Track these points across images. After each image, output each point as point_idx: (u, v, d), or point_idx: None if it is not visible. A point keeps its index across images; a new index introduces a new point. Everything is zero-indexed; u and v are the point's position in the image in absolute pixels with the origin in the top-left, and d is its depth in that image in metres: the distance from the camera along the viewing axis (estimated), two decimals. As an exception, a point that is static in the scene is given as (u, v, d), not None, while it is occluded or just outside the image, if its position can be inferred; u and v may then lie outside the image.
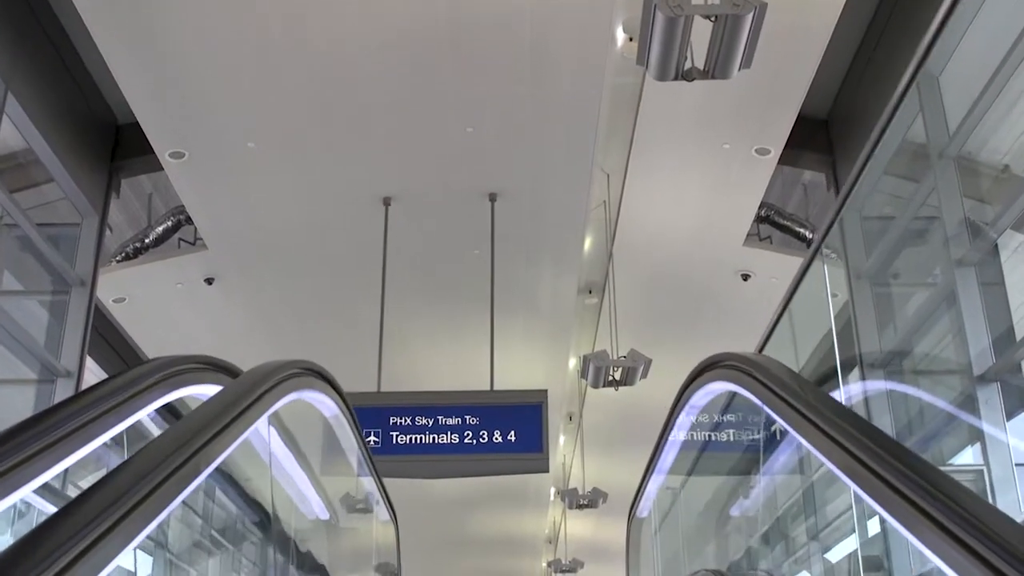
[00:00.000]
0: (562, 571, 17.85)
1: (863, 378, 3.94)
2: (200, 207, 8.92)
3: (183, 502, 2.21)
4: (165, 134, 7.90)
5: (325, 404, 3.35)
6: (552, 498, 18.51)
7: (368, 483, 4.60)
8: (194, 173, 8.35)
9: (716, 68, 5.00)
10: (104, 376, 11.20)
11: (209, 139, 7.98)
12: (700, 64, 5.08)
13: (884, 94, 8.21)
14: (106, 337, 11.13)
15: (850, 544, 3.83)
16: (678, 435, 4.26)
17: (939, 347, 4.06)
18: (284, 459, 3.46)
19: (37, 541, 1.46)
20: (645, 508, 4.95)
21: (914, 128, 3.74)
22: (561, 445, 16.32)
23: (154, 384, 2.17)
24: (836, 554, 4.10)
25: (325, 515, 4.23)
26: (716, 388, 3.43)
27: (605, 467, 15.15)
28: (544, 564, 22.88)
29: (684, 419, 3.99)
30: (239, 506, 4.38)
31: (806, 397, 2.16)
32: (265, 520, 4.20)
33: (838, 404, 2.22)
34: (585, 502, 12.83)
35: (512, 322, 10.35)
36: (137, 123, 7.89)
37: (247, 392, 2.18)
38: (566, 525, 18.41)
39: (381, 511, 4.96)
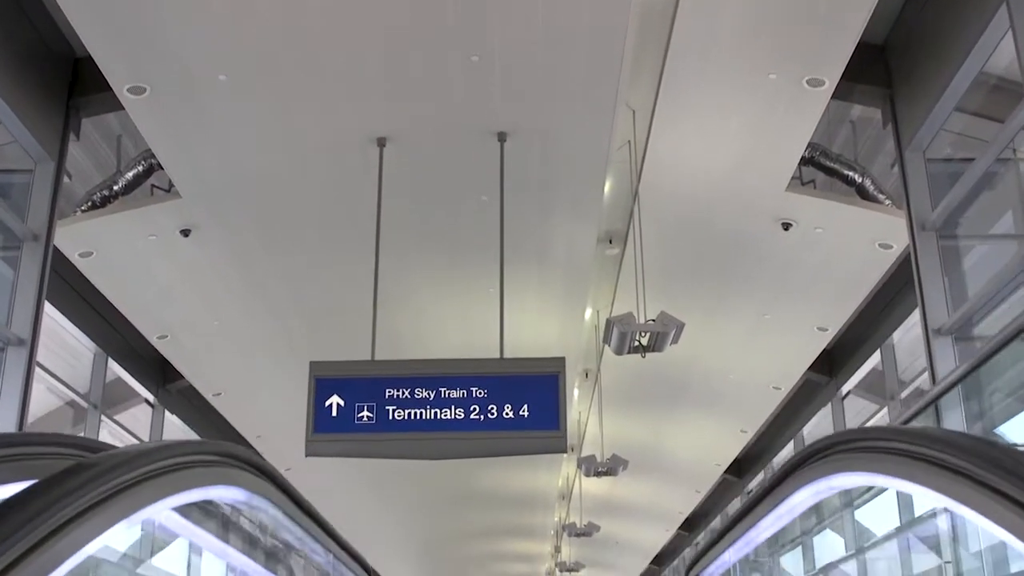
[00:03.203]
0: (577, 535, 17.05)
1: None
2: (168, 150, 8.04)
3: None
4: (121, 65, 7.05)
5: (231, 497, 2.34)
6: (566, 455, 17.75)
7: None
8: (158, 111, 7.48)
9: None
10: (86, 341, 10.20)
11: (173, 71, 7.14)
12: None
13: (955, 16, 7.15)
14: (85, 296, 10.28)
15: None
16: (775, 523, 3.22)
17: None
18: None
19: None
20: (715, 573, 4.03)
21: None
22: (576, 401, 15.50)
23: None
24: None
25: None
26: (851, 483, 2.36)
27: (623, 426, 14.39)
28: (556, 520, 22.25)
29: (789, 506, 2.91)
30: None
31: None
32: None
33: None
34: (604, 470, 11.95)
35: (524, 276, 9.68)
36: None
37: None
38: (580, 483, 17.61)
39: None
